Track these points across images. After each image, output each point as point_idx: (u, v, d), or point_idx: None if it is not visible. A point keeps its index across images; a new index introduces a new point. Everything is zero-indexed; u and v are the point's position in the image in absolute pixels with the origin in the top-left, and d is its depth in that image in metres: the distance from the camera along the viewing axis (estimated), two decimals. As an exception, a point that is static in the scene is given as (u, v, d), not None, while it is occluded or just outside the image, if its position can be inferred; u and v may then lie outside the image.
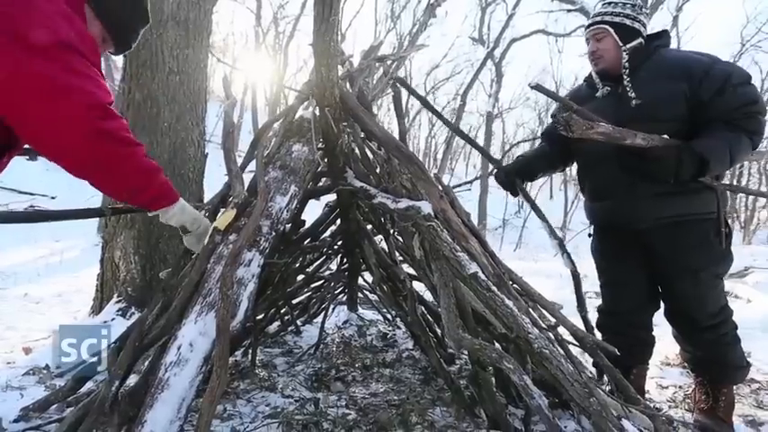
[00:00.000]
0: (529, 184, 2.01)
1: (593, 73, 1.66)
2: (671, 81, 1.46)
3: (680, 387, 2.05)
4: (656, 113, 1.47)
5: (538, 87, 1.49)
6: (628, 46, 1.54)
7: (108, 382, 1.19)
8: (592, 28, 1.61)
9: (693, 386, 1.71)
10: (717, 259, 1.52)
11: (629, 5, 1.57)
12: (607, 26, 1.56)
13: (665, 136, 1.44)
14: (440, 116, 2.01)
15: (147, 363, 1.33)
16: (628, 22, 1.55)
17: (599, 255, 1.79)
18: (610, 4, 1.60)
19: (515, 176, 1.86)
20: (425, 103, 1.90)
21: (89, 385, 1.60)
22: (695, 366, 1.67)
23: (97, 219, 5.37)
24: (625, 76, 1.54)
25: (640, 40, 1.55)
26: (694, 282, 1.51)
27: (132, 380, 1.36)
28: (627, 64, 1.54)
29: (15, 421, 1.43)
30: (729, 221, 1.57)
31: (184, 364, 1.01)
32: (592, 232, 1.85)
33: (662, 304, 1.70)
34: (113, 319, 2.54)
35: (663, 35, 1.62)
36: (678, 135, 1.45)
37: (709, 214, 1.50)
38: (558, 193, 20.48)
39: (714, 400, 1.59)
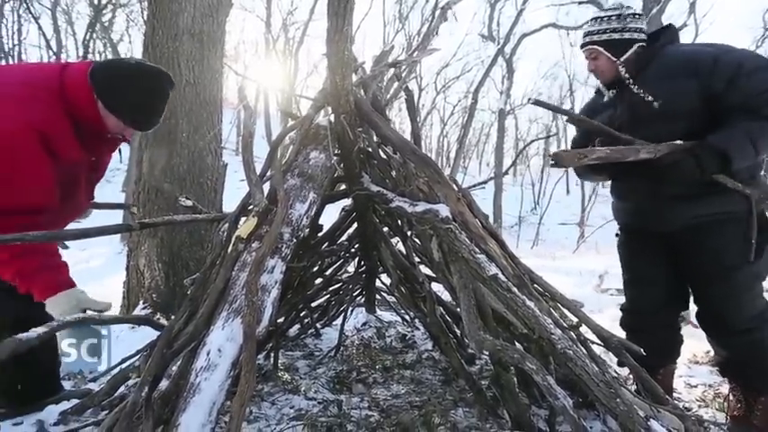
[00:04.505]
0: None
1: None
2: (679, 79, 1.43)
3: (709, 386, 1.99)
4: (667, 112, 1.44)
5: (538, 102, 1.53)
6: (622, 59, 1.53)
7: (139, 387, 1.23)
8: (584, 48, 1.61)
9: (728, 391, 1.64)
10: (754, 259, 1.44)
11: (614, 18, 1.56)
12: (596, 46, 1.56)
13: (679, 141, 1.41)
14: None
15: (175, 367, 1.38)
16: (616, 35, 1.54)
17: (624, 251, 1.75)
18: (596, 20, 1.59)
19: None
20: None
21: (121, 390, 1.66)
22: (729, 372, 1.59)
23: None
24: (631, 85, 1.52)
25: (635, 47, 1.53)
26: (728, 282, 1.46)
27: (163, 384, 1.40)
28: (627, 75, 1.53)
29: (55, 425, 1.50)
30: None
31: (214, 368, 1.04)
32: (618, 231, 1.81)
33: (690, 305, 1.64)
34: (139, 325, 2.62)
35: (666, 31, 1.58)
36: (695, 132, 1.42)
37: (742, 212, 1.43)
38: (575, 188, 20.12)
39: (748, 407, 1.52)
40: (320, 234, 2.03)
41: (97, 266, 5.75)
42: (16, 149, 1.13)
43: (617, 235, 1.82)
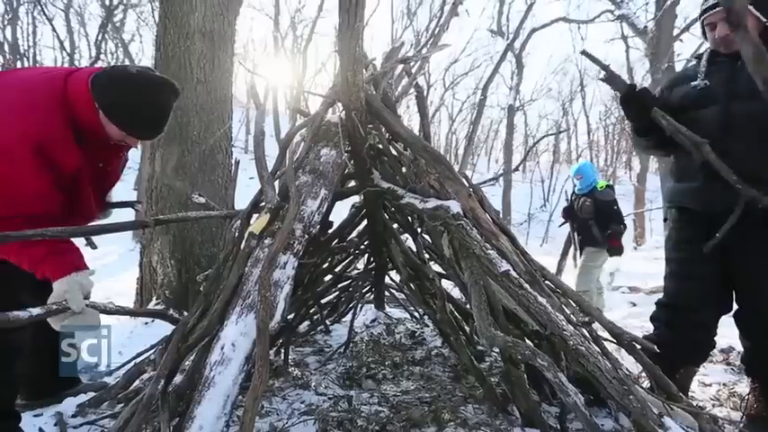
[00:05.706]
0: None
1: (711, 52, 1.50)
2: None
3: (724, 385, 1.97)
4: None
5: (610, 78, 1.50)
6: None
7: (155, 381, 1.26)
8: (718, 10, 1.40)
9: (748, 390, 1.60)
10: None
11: None
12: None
13: None
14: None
15: (188, 362, 1.40)
16: None
17: (671, 243, 1.66)
18: None
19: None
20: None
21: (137, 383, 1.70)
22: (756, 372, 1.53)
23: (133, 225, 5.67)
24: None
25: None
26: None
27: (178, 378, 1.43)
28: None
29: (73, 416, 1.55)
30: None
31: (228, 363, 1.06)
32: (667, 217, 1.72)
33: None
34: (153, 320, 2.67)
35: None
36: None
37: None
38: (585, 186, 19.83)
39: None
40: (330, 231, 2.04)
41: (111, 263, 5.87)
42: (9, 159, 1.14)
43: (665, 220, 1.73)
